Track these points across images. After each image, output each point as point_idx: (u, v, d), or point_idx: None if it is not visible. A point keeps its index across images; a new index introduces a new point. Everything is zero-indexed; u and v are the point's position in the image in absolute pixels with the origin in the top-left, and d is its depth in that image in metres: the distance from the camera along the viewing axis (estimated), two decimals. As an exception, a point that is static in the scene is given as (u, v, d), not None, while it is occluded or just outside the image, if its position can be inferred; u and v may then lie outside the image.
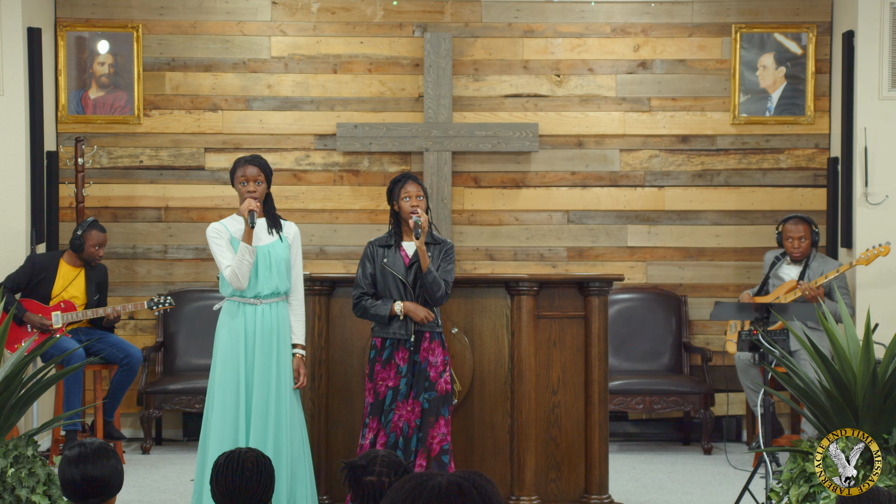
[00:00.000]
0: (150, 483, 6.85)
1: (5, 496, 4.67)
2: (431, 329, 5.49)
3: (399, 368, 5.44)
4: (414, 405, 5.44)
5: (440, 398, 5.45)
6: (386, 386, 5.45)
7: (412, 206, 5.47)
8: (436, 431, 5.43)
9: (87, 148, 7.92)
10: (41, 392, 5.01)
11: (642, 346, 8.09)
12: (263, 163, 5.48)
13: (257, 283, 5.37)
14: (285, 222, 5.55)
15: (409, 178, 5.55)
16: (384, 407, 5.45)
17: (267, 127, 8.20)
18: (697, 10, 8.22)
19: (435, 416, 5.43)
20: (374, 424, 5.46)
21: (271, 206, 5.53)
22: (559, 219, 8.22)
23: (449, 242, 5.58)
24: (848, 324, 5.01)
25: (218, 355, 5.36)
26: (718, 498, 6.55)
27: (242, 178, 5.44)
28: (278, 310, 5.41)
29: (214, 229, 5.44)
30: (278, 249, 5.43)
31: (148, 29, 8.15)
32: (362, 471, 3.58)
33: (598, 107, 8.22)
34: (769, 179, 8.21)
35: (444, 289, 5.45)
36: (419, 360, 5.46)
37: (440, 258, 5.50)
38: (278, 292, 5.41)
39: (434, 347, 5.48)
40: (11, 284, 7.07)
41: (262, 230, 5.46)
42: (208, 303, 8.06)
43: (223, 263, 5.35)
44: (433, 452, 5.42)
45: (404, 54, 8.20)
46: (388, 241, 5.56)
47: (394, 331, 5.46)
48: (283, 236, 5.47)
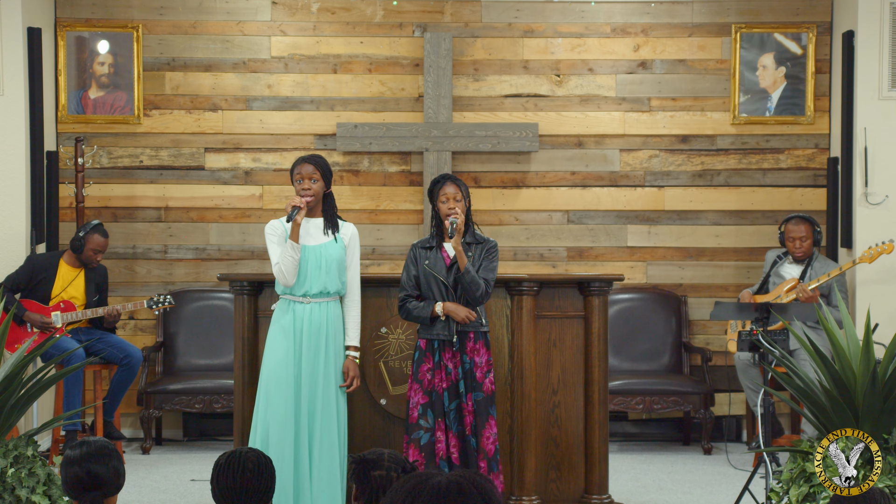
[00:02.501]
0: (150, 483, 6.85)
1: (5, 496, 4.67)
2: (475, 329, 5.48)
3: (448, 369, 5.45)
4: (469, 406, 5.45)
5: (487, 398, 5.46)
6: (441, 388, 5.45)
7: (449, 209, 5.47)
8: (488, 432, 5.44)
9: (87, 148, 7.92)
10: (41, 392, 5.01)
11: (642, 346, 8.09)
12: (321, 161, 5.49)
13: (306, 282, 5.40)
14: (344, 223, 5.56)
15: (447, 179, 5.54)
16: (445, 408, 5.44)
17: (267, 127, 8.20)
18: (697, 10, 8.22)
19: (485, 417, 5.44)
20: (440, 425, 5.41)
21: (331, 206, 5.54)
22: (559, 219, 8.22)
23: (492, 241, 5.57)
24: (848, 325, 5.01)
25: (268, 351, 5.43)
26: (718, 498, 6.55)
27: (298, 175, 5.47)
28: (328, 309, 5.44)
29: (271, 226, 5.49)
30: (331, 249, 5.44)
31: (148, 29, 8.15)
32: (371, 465, 3.59)
33: (598, 107, 8.23)
34: (769, 179, 8.21)
35: (484, 288, 5.44)
36: (466, 360, 5.47)
37: (482, 257, 5.50)
38: (327, 292, 5.43)
39: (479, 347, 5.49)
40: (11, 284, 7.07)
41: (316, 229, 5.48)
42: (209, 303, 8.06)
43: (273, 259, 5.41)
44: (489, 453, 5.43)
45: (404, 54, 8.21)
46: (429, 242, 5.57)
47: (437, 332, 5.46)
48: (338, 237, 5.48)
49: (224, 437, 8.09)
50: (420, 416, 5.44)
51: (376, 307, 5.97)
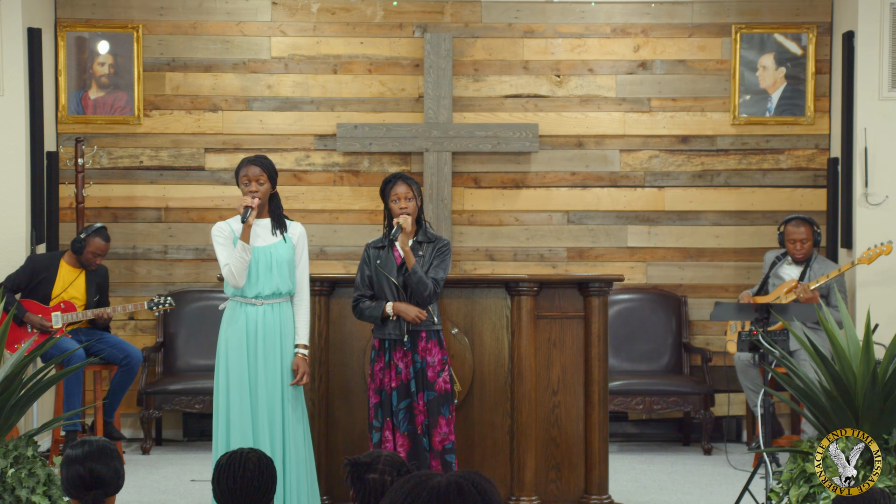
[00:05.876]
0: (150, 483, 6.85)
1: (5, 496, 4.67)
2: (427, 328, 5.48)
3: (398, 369, 5.44)
4: (420, 405, 5.45)
5: (439, 398, 5.45)
6: (391, 387, 5.45)
7: (400, 209, 5.48)
8: (437, 431, 5.44)
9: (87, 148, 7.92)
10: (41, 392, 5.01)
11: (642, 347, 8.09)
12: (266, 163, 5.48)
13: (258, 283, 5.37)
14: (291, 223, 5.54)
15: (398, 178, 5.54)
16: (393, 407, 5.45)
17: (267, 127, 8.20)
18: (697, 10, 8.22)
19: (435, 416, 5.44)
20: (388, 424, 5.45)
21: (277, 206, 5.52)
22: (559, 219, 8.22)
23: (444, 240, 5.57)
24: (848, 325, 5.01)
25: (221, 355, 5.38)
26: (718, 498, 6.55)
27: (245, 178, 5.45)
28: (281, 310, 5.42)
29: (218, 228, 5.47)
30: (280, 250, 5.42)
31: (148, 29, 8.16)
32: (365, 468, 3.59)
33: (598, 107, 8.23)
34: (769, 180, 8.21)
35: (433, 288, 5.43)
36: (418, 359, 5.46)
37: (432, 256, 5.50)
38: (280, 293, 5.41)
39: (431, 347, 5.48)
40: (11, 285, 7.07)
41: (265, 230, 5.46)
42: (208, 303, 8.06)
43: (222, 262, 5.38)
44: (441, 452, 5.44)
45: (404, 55, 8.21)
46: (382, 242, 5.57)
47: (388, 331, 5.47)
48: (286, 237, 5.47)
49: (224, 437, 8.08)
50: (374, 415, 5.48)
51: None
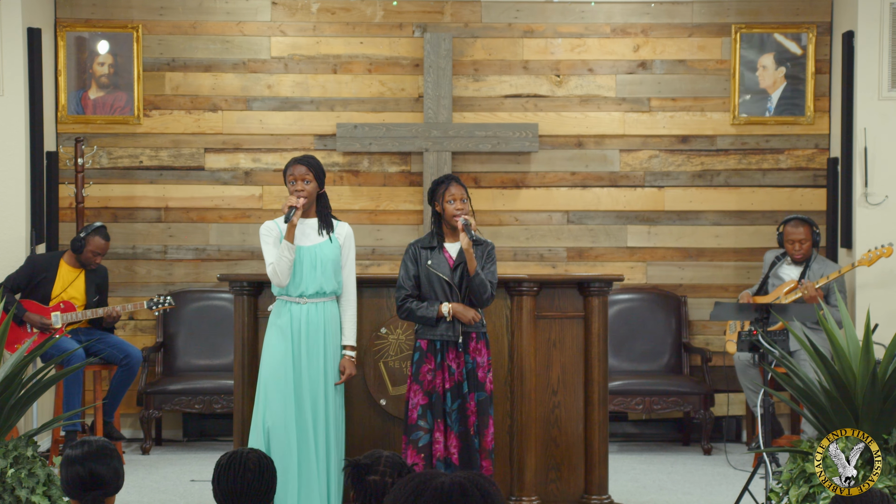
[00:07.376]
0: (150, 483, 6.85)
1: (5, 496, 4.67)
2: (477, 329, 5.48)
3: (451, 370, 5.44)
4: (472, 406, 5.46)
5: (489, 398, 5.47)
6: (443, 388, 5.44)
7: (457, 209, 5.45)
8: (489, 431, 5.46)
9: (86, 148, 7.92)
10: (41, 392, 5.01)
11: (642, 347, 8.10)
12: (314, 162, 5.50)
13: (302, 282, 5.41)
14: (338, 223, 5.56)
15: (452, 179, 5.52)
16: (447, 409, 5.44)
17: (267, 127, 8.20)
18: (697, 10, 8.22)
19: (485, 417, 5.45)
20: (439, 426, 5.41)
21: (325, 206, 5.54)
22: (559, 219, 8.22)
23: (490, 243, 5.56)
24: (848, 325, 5.01)
25: (265, 353, 5.44)
26: (718, 498, 6.55)
27: (291, 177, 5.47)
28: (325, 309, 5.44)
29: (266, 227, 5.51)
30: (326, 250, 5.45)
31: (148, 29, 8.15)
32: (366, 470, 3.59)
33: (597, 107, 8.23)
34: (769, 180, 8.21)
35: (491, 290, 5.45)
36: (469, 360, 5.46)
37: (484, 259, 5.49)
38: (324, 292, 5.43)
39: (480, 348, 5.49)
40: (11, 284, 7.07)
41: (311, 230, 5.49)
42: (208, 303, 8.06)
43: (267, 260, 5.42)
44: (491, 452, 5.46)
45: (404, 54, 8.21)
46: (430, 242, 5.53)
47: (441, 332, 5.44)
48: (333, 237, 5.49)
49: (224, 437, 8.09)
50: (419, 416, 5.43)
51: (376, 307, 5.97)
